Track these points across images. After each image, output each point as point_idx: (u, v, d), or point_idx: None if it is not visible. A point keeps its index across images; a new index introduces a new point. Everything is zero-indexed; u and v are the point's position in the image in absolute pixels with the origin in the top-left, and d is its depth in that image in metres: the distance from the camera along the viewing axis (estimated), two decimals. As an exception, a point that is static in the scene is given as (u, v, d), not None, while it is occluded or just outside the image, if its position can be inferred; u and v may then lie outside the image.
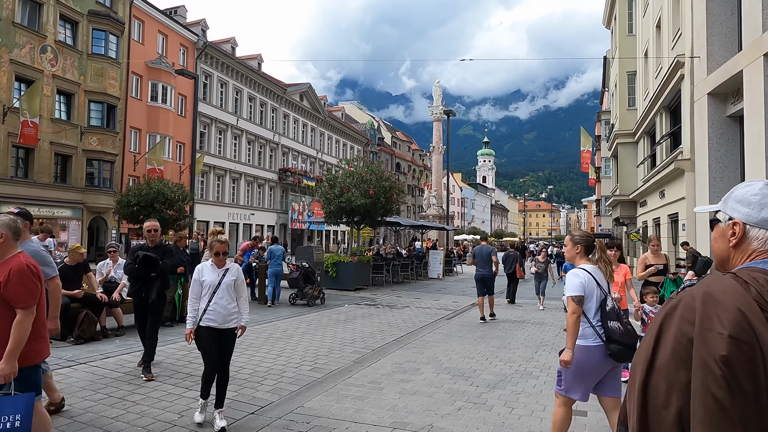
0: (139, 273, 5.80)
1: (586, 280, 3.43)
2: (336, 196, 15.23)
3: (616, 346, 3.27)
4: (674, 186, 15.45)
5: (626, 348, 3.27)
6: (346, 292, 15.16)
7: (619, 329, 3.28)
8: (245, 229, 40.85)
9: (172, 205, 18.67)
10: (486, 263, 10.81)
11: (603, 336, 3.33)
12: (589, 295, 3.41)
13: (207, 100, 36.01)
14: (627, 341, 3.30)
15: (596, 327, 3.36)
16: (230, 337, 4.47)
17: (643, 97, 21.86)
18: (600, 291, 3.43)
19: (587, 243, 3.63)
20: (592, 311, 3.41)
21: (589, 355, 3.35)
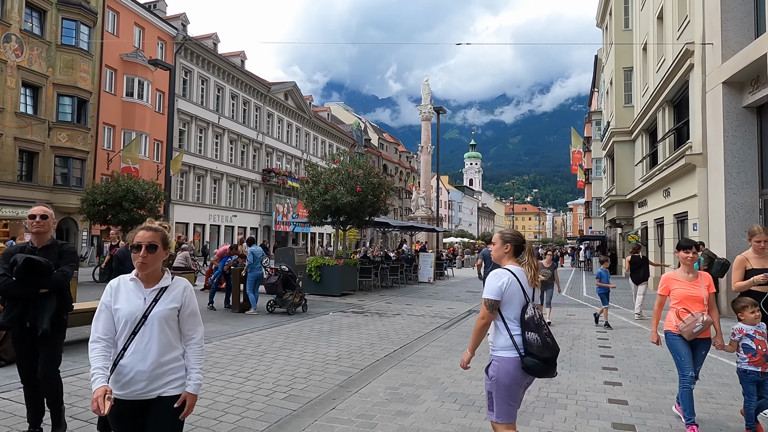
0: (16, 289, 3.66)
1: (508, 282, 3.04)
2: (320, 194, 13.99)
3: (531, 359, 2.92)
4: (682, 183, 14.49)
5: (543, 362, 2.92)
6: (331, 298, 13.93)
7: (537, 341, 2.92)
8: (227, 232, 39.40)
9: (143, 204, 17.28)
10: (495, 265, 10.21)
11: (521, 348, 2.97)
12: (510, 299, 3.04)
13: (187, 96, 34.58)
14: (545, 355, 2.92)
15: (514, 337, 3.00)
16: (164, 416, 2.42)
17: (642, 93, 20.98)
18: (523, 296, 3.06)
19: (517, 243, 3.25)
20: (510, 318, 3.04)
21: (507, 366, 3.00)
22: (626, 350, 7.84)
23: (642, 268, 12.05)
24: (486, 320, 3.09)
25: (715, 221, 12.36)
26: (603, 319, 10.12)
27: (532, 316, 3.00)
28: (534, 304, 3.10)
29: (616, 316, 11.65)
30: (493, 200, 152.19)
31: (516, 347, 2.98)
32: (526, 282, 3.11)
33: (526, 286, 3.10)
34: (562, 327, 10.07)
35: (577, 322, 10.84)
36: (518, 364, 2.97)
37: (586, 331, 9.57)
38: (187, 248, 15.36)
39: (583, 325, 10.30)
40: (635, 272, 11.94)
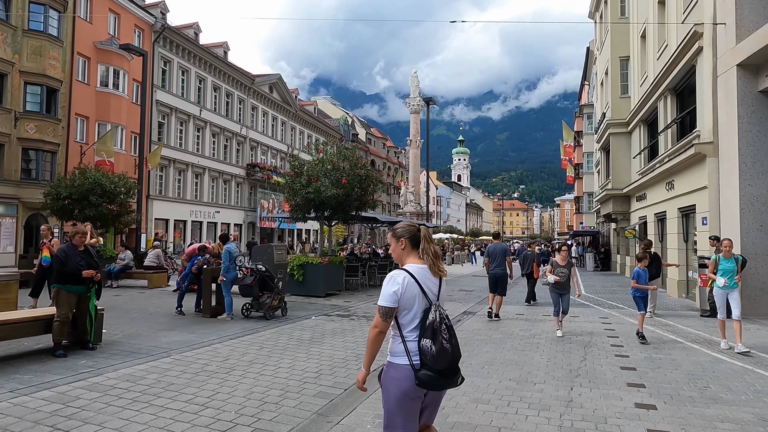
0: None
1: (403, 286, 2.65)
2: (302, 186, 12.90)
3: (425, 372, 2.55)
4: (689, 175, 13.64)
5: (438, 374, 2.56)
6: (314, 300, 12.87)
7: (431, 350, 2.55)
8: (209, 228, 38.09)
9: (112, 198, 16.04)
10: (500, 262, 10.65)
11: (414, 357, 2.60)
12: (407, 305, 2.66)
13: (166, 87, 33.18)
14: (440, 366, 2.57)
15: (407, 343, 2.63)
16: None
17: (640, 82, 20.16)
18: (423, 299, 2.68)
19: (411, 234, 2.85)
20: (408, 324, 2.67)
21: (399, 376, 2.62)
22: (647, 360, 6.91)
23: (654, 265, 11.57)
24: (380, 329, 2.67)
25: (727, 215, 11.51)
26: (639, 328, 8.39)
27: (433, 321, 2.60)
28: (439, 305, 2.69)
29: (624, 318, 10.75)
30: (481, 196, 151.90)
31: (409, 355, 2.61)
32: (430, 280, 2.71)
33: (430, 286, 2.70)
34: (567, 331, 9.13)
35: (583, 324, 9.92)
36: (409, 375, 2.59)
37: (596, 337, 8.64)
38: (159, 245, 14.20)
39: (590, 329, 9.37)
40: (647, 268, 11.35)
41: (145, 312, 10.22)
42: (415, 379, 2.54)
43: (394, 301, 2.62)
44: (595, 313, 11.46)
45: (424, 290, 2.66)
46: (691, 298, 13.98)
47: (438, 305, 2.67)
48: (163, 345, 7.17)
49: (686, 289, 14.51)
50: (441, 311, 2.65)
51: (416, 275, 2.67)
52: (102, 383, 5.25)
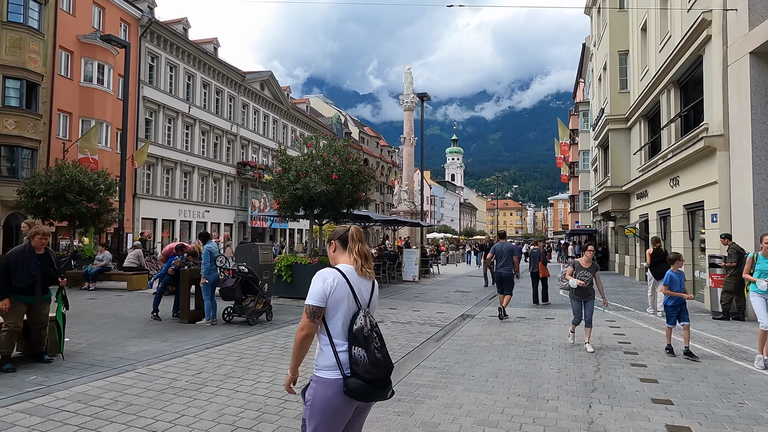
0: None
1: (333, 284, 2.41)
2: (290, 183, 12.16)
3: (355, 380, 2.32)
4: (696, 170, 13.03)
5: (368, 385, 2.33)
6: (303, 302, 12.13)
7: (363, 358, 2.33)
8: (199, 228, 37.20)
9: (91, 196, 15.24)
10: (507, 261, 10.36)
11: (345, 367, 2.35)
12: (336, 306, 2.40)
13: (154, 84, 32.32)
14: (371, 375, 2.34)
15: (339, 353, 2.37)
16: None
17: (641, 77, 19.58)
18: (352, 301, 2.43)
19: (340, 235, 2.61)
20: (337, 328, 2.41)
21: (327, 390, 2.36)
22: (668, 370, 6.25)
23: (665, 262, 10.81)
24: (307, 331, 2.46)
25: (740, 211, 10.90)
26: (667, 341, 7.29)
27: (362, 327, 2.41)
28: (369, 311, 2.50)
29: (633, 321, 10.10)
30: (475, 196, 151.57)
31: (340, 366, 2.40)
32: (362, 283, 2.53)
33: (361, 289, 2.52)
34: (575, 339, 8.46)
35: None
36: (339, 387, 2.38)
37: (606, 343, 7.98)
38: (139, 246, 13.44)
39: (598, 333, 8.71)
40: (657, 266, 10.84)
41: (118, 317, 9.45)
42: (343, 386, 2.34)
43: (323, 299, 2.40)
44: (601, 316, 10.81)
45: (355, 292, 2.45)
46: (698, 298, 13.38)
47: (368, 311, 2.47)
48: (129, 356, 6.43)
49: (693, 290, 13.91)
50: (371, 318, 2.45)
51: (348, 275, 2.47)
52: (47, 405, 4.52)
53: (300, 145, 13.06)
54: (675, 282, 7.06)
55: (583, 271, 7.56)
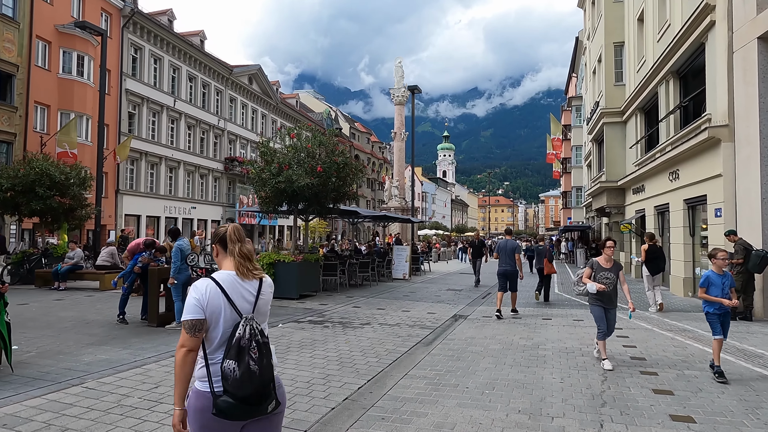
0: None
1: (206, 295, 2.21)
2: (272, 175, 11.45)
3: (225, 399, 2.12)
4: (698, 163, 12.48)
5: (240, 402, 2.12)
6: (287, 302, 11.46)
7: (233, 372, 2.11)
8: (185, 225, 36.36)
9: (63, 191, 14.44)
10: (510, 258, 10.22)
11: (216, 382, 2.17)
12: (211, 318, 2.21)
13: (137, 76, 31.38)
14: (242, 392, 2.12)
15: (210, 365, 2.20)
16: None
17: (637, 68, 19.03)
18: (231, 310, 2.22)
19: (219, 238, 2.39)
20: (214, 342, 2.22)
21: (196, 401, 2.19)
22: (682, 379, 5.65)
23: (660, 258, 11.19)
24: (188, 347, 2.16)
25: (746, 205, 10.36)
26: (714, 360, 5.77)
27: (240, 338, 2.14)
28: (252, 318, 2.22)
29: (636, 322, 9.51)
30: (466, 192, 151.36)
31: (210, 380, 2.17)
32: (243, 287, 2.27)
33: (243, 294, 2.26)
34: (577, 338, 7.86)
35: (591, 330, 8.63)
36: (209, 403, 2.14)
37: (611, 348, 7.36)
38: (112, 243, 12.68)
39: (601, 336, 8.11)
40: (653, 262, 10.95)
41: (81, 321, 8.71)
42: (213, 407, 2.15)
43: (199, 311, 2.20)
44: (601, 316, 10.23)
45: (232, 300, 2.24)
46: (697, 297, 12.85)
47: (250, 318, 2.24)
48: (81, 367, 5.73)
49: (693, 288, 13.39)
50: (253, 325, 2.22)
51: (223, 283, 2.26)
52: (-37, 431, 3.82)
53: (282, 137, 12.34)
54: (715, 284, 5.72)
55: (605, 272, 6.28)
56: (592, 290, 6.13)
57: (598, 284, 6.13)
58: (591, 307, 6.44)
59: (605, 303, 6.28)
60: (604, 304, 6.28)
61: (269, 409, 2.23)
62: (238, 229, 2.44)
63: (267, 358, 2.20)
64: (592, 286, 6.13)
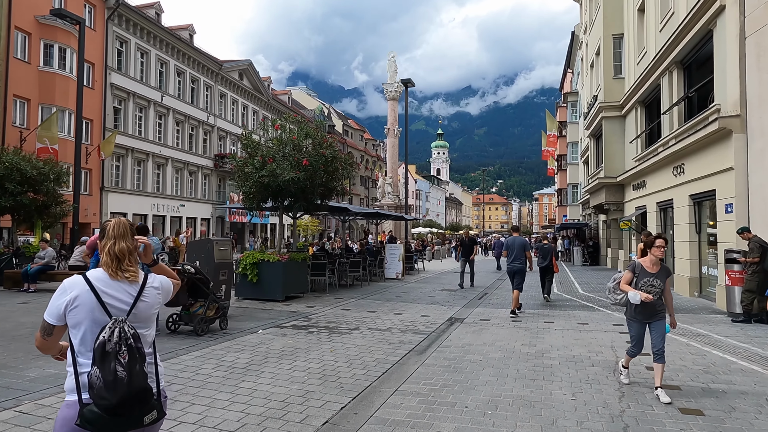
0: None
1: (73, 296, 2.05)
2: (256, 169, 10.71)
3: (90, 410, 1.95)
4: (705, 156, 11.86)
5: (105, 413, 1.93)
6: (271, 305, 10.74)
7: (98, 380, 1.93)
8: (173, 223, 35.55)
9: (36, 186, 13.66)
10: (518, 256, 10.10)
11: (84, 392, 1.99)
12: (78, 321, 2.05)
13: (123, 70, 30.50)
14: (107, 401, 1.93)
15: (80, 375, 2.02)
16: None
17: (637, 60, 18.42)
18: (101, 312, 2.05)
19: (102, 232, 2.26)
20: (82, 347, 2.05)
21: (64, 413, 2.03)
22: (708, 394, 5.00)
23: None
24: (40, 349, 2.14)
25: (759, 200, 9.74)
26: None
27: (105, 341, 1.97)
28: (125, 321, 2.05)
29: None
30: (461, 190, 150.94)
31: (78, 388, 2.00)
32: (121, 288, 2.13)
33: (117, 295, 2.11)
34: (583, 343, 7.19)
35: (598, 336, 7.99)
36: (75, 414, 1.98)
37: (621, 353, 6.70)
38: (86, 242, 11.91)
39: (609, 342, 7.45)
40: None
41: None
42: (77, 417, 1.95)
43: (59, 316, 2.06)
44: (606, 319, 9.59)
45: (103, 301, 2.07)
46: (706, 296, 12.26)
47: (121, 321, 2.04)
48: (22, 384, 4.99)
49: (699, 287, 12.79)
50: (124, 328, 2.02)
51: (95, 281, 2.09)
52: None
53: (266, 128, 11.60)
54: None
55: (650, 278, 5.00)
56: (635, 300, 4.84)
57: (642, 293, 4.86)
58: (629, 322, 5.25)
59: (649, 316, 5.02)
60: (647, 318, 5.04)
61: (146, 421, 2.04)
62: (122, 224, 2.25)
63: (140, 363, 2.02)
64: (635, 296, 4.83)
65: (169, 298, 2.39)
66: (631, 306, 5.07)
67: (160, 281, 2.30)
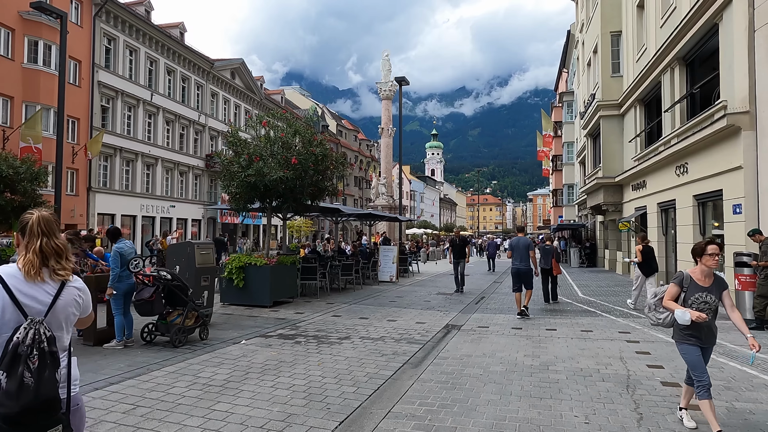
0: None
1: None
2: (242, 168, 10.17)
3: None
4: (711, 155, 11.43)
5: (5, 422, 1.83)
6: (258, 311, 10.20)
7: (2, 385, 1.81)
8: (163, 224, 34.87)
9: (12, 186, 13.06)
10: (523, 257, 10.00)
11: None
12: None
13: (111, 68, 29.82)
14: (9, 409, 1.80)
15: None
16: None
17: (636, 58, 18.01)
18: (15, 311, 1.93)
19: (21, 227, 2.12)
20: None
21: None
22: (735, 414, 4.52)
23: (654, 260, 11.05)
24: None
25: (770, 201, 9.31)
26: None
27: (18, 344, 1.85)
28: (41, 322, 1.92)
29: (652, 333, 8.38)
30: (455, 191, 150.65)
31: None
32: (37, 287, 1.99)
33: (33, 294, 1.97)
34: (590, 361, 6.70)
35: (605, 345, 7.50)
36: None
37: (632, 368, 6.22)
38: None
39: (617, 352, 6.97)
40: (648, 263, 10.78)
41: (7, 337, 7.42)
42: None
43: None
44: (610, 325, 9.11)
45: (17, 299, 1.94)
46: (711, 301, 11.82)
47: (37, 321, 1.91)
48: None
49: (703, 291, 12.34)
50: (40, 330, 1.89)
51: (7, 277, 1.97)
52: None
53: (253, 125, 11.05)
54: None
55: (702, 292, 4.08)
56: (684, 320, 3.92)
57: (693, 311, 3.96)
58: (680, 345, 4.20)
59: (704, 339, 4.12)
60: (702, 341, 4.11)
61: None
62: (45, 220, 2.09)
63: (50, 370, 1.90)
64: (683, 314, 3.91)
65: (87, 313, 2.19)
66: (678, 326, 4.13)
67: (83, 284, 2.16)
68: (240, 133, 11.02)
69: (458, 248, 14.78)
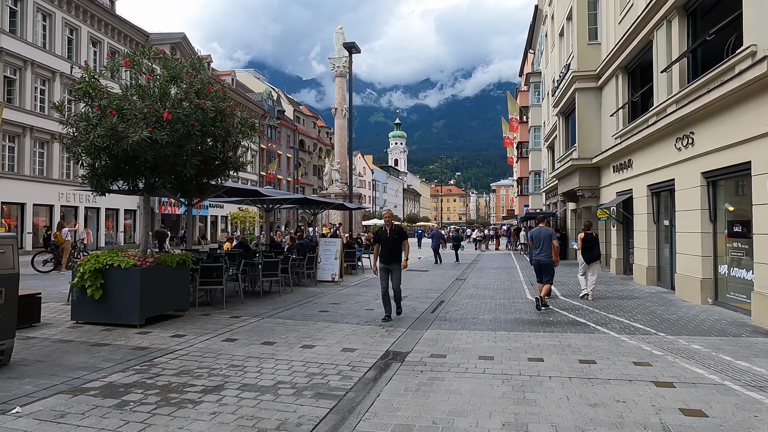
0: None
1: None
2: (92, 127, 6.99)
3: None
4: (729, 120, 8.88)
5: None
6: (120, 333, 7.10)
7: None
8: (90, 215, 30.99)
9: None
10: (545, 248, 9.43)
11: None
12: None
13: (17, 33, 25.69)
14: None
15: None
16: None
17: (619, 18, 15.51)
18: None
19: None
20: None
21: None
22: None
23: (596, 247, 11.11)
24: None
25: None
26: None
27: None
28: None
29: (682, 363, 5.70)
30: (419, 182, 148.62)
31: None
32: None
33: None
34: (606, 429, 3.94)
35: (625, 394, 4.77)
36: None
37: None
38: None
39: (652, 409, 4.24)
40: (589, 251, 10.96)
41: None
42: None
43: None
44: (616, 348, 6.43)
45: None
46: (725, 304, 9.36)
47: None
48: None
49: (714, 292, 9.88)
50: None
51: None
52: None
53: (113, 69, 7.81)
54: None
55: None
56: None
57: None
58: None
59: None
60: None
61: None
62: None
63: None
64: None
65: None
66: None
67: None
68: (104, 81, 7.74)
69: (388, 244, 8.52)
